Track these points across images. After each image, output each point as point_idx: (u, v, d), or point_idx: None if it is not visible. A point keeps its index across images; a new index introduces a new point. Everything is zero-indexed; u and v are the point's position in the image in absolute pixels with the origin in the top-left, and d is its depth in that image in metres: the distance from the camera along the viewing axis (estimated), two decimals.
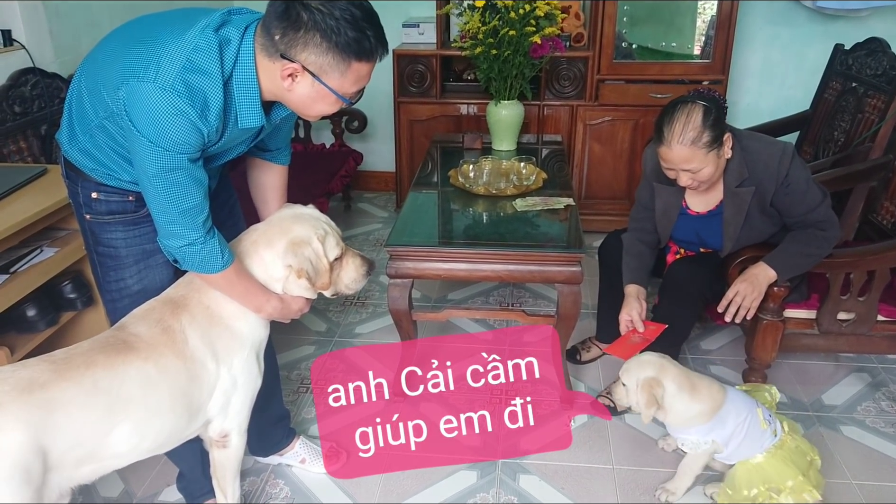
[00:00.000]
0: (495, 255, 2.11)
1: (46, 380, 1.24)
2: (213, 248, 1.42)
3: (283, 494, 1.96)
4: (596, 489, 1.97)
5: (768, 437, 1.79)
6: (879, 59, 2.74)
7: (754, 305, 2.00)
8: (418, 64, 3.54)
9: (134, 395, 1.34)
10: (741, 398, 1.82)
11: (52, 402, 1.23)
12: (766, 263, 1.98)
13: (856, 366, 2.52)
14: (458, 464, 2.06)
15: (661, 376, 1.78)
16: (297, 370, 2.51)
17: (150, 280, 1.59)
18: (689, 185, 1.95)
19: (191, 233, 1.39)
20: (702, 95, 1.90)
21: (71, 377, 1.27)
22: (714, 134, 1.85)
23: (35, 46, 2.51)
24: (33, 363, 1.29)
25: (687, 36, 3.54)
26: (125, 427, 1.33)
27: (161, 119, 1.27)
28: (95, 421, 1.29)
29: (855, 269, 2.06)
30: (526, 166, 2.66)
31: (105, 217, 1.51)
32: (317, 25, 1.27)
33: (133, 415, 1.34)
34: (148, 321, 1.44)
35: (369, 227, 3.76)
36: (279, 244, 1.53)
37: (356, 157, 3.79)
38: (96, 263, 1.59)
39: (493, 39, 2.78)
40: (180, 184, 1.34)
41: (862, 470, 2.01)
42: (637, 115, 3.44)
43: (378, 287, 3.09)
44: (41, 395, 1.22)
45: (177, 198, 1.35)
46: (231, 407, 1.55)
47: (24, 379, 1.23)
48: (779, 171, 1.93)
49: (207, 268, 1.43)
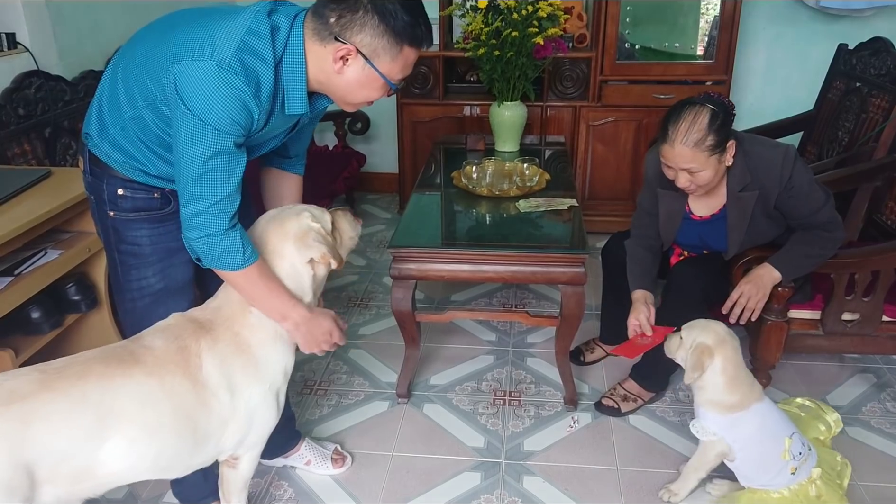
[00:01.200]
0: (498, 256, 2.11)
1: (29, 391, 1.20)
2: (235, 240, 1.39)
3: (287, 496, 1.96)
4: (600, 490, 1.96)
5: (785, 474, 1.71)
6: (883, 58, 2.74)
7: (759, 307, 2.00)
8: (421, 65, 3.54)
9: (129, 410, 1.28)
10: (775, 417, 1.76)
11: (31, 414, 1.18)
12: (771, 265, 1.98)
13: (860, 366, 2.52)
14: (462, 465, 2.06)
15: (717, 349, 1.74)
16: (301, 372, 2.51)
17: (172, 278, 1.59)
18: (686, 186, 1.94)
19: (217, 221, 1.36)
20: (711, 99, 1.89)
21: (58, 388, 1.23)
22: (718, 139, 1.85)
23: (39, 49, 2.52)
24: (24, 373, 1.25)
25: (690, 36, 3.53)
26: (118, 443, 1.27)
27: (216, 96, 1.27)
28: (82, 434, 1.23)
29: (859, 270, 2.05)
30: (529, 167, 2.65)
31: (130, 214, 1.51)
32: (375, 8, 1.31)
33: (127, 431, 1.27)
34: (166, 336, 1.40)
35: (373, 229, 3.76)
36: (287, 248, 1.50)
37: (359, 159, 3.79)
38: (117, 262, 1.58)
39: (495, 40, 2.78)
40: (223, 169, 1.34)
41: (867, 471, 2.01)
42: (640, 115, 3.44)
43: (381, 288, 3.10)
44: (20, 407, 1.18)
45: (217, 184, 1.34)
46: (247, 441, 1.51)
47: (4, 391, 1.19)
48: (781, 174, 1.92)
49: (228, 263, 1.39)
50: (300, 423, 2.21)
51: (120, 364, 1.31)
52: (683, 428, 2.19)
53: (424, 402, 2.34)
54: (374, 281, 3.18)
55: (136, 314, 1.59)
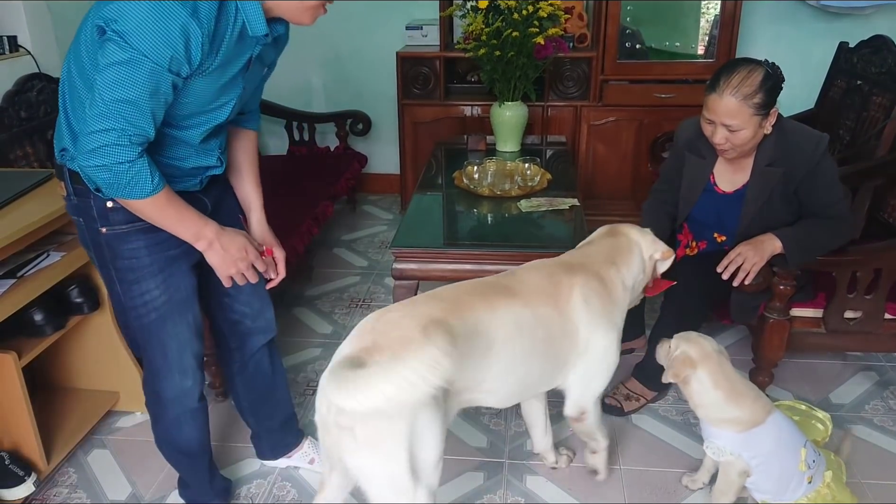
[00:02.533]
0: (500, 255, 2.11)
1: (442, 316, 1.41)
2: (143, 168, 1.32)
3: (290, 497, 1.96)
4: (603, 490, 1.96)
5: (803, 484, 1.69)
6: (884, 56, 2.73)
7: (753, 270, 1.96)
8: (422, 66, 3.54)
9: (510, 335, 1.50)
10: (789, 429, 1.73)
11: (451, 332, 1.39)
12: (775, 235, 1.97)
13: (863, 364, 2.51)
14: (465, 465, 2.06)
15: (701, 363, 1.71)
16: (304, 372, 2.51)
17: (175, 289, 1.56)
18: (721, 144, 1.95)
19: (127, 152, 1.28)
20: (767, 63, 1.93)
21: (459, 315, 1.44)
22: (766, 100, 1.89)
23: (41, 52, 2.53)
24: (422, 300, 1.49)
25: (691, 36, 3.53)
26: (499, 362, 1.49)
27: (149, 21, 1.22)
28: (479, 353, 1.45)
29: (861, 268, 2.05)
30: (530, 167, 2.66)
31: (124, 227, 1.47)
32: None
33: (507, 353, 1.50)
34: (540, 272, 1.63)
35: (374, 230, 3.76)
36: (645, 240, 1.79)
37: (360, 160, 3.80)
38: (115, 281, 1.54)
39: (496, 41, 2.79)
40: (137, 83, 1.25)
41: (870, 469, 2.00)
42: (641, 115, 3.44)
43: (383, 289, 3.10)
44: (444, 327, 1.39)
45: (132, 116, 1.27)
46: (592, 380, 1.71)
47: (422, 313, 1.40)
48: (812, 157, 1.94)
49: (136, 191, 1.33)
50: (303, 424, 2.21)
51: (500, 296, 1.53)
52: (686, 427, 2.19)
53: None
54: (376, 282, 3.18)
55: (146, 332, 1.58)
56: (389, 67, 3.70)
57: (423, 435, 1.36)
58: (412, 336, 1.33)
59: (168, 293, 1.56)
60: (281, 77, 4.07)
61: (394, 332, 1.36)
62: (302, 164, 3.62)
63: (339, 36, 3.95)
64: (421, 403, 1.32)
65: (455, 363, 1.32)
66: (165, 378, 1.64)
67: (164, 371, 1.64)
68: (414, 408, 1.32)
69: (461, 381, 1.45)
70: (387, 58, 3.76)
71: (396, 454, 1.33)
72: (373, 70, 3.98)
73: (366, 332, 1.39)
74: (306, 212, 2.93)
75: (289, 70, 4.07)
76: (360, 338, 1.39)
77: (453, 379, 1.38)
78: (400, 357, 1.26)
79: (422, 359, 1.23)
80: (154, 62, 1.25)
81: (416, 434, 1.35)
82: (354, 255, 3.46)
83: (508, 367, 1.52)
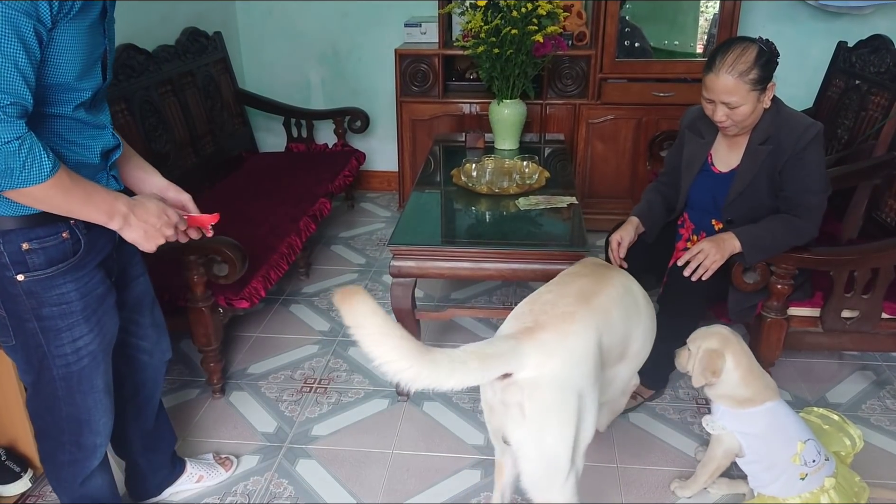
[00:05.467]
0: (498, 253, 2.11)
1: (591, 290, 1.55)
2: (35, 143, 1.16)
3: (287, 494, 1.96)
4: (600, 488, 1.96)
5: (795, 481, 1.71)
6: (883, 56, 2.73)
7: (712, 268, 1.98)
8: (420, 63, 3.54)
9: (640, 306, 1.72)
10: (789, 419, 1.76)
11: (602, 307, 1.53)
12: (735, 234, 1.99)
13: (860, 364, 2.52)
14: (462, 463, 2.06)
15: (726, 349, 1.75)
16: (301, 369, 2.51)
17: (106, 329, 1.45)
18: (722, 121, 1.99)
19: (8, 128, 1.12)
20: (761, 40, 1.96)
21: (606, 284, 1.62)
22: (762, 75, 1.91)
23: None
24: (568, 279, 1.64)
25: (689, 34, 3.53)
26: (639, 330, 1.70)
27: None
28: (633, 312, 1.67)
29: (859, 267, 2.05)
30: (528, 165, 2.66)
31: (48, 271, 1.31)
32: None
33: (641, 322, 1.71)
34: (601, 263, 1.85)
35: (372, 227, 3.76)
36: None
37: (359, 157, 3.79)
38: (38, 332, 1.36)
39: (495, 38, 2.78)
40: (15, 58, 1.10)
41: (866, 468, 2.00)
42: (639, 113, 3.44)
43: (381, 287, 3.09)
44: (595, 302, 1.53)
45: (8, 81, 1.10)
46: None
47: (577, 289, 1.55)
48: (800, 138, 1.96)
49: (35, 173, 1.16)
50: (299, 423, 2.21)
51: (601, 282, 1.64)
52: (683, 426, 2.20)
53: (424, 400, 2.34)
54: (374, 279, 3.18)
55: (74, 380, 1.43)
56: (388, 64, 3.69)
57: (586, 411, 1.44)
58: (573, 311, 1.46)
59: (101, 335, 1.44)
60: (279, 73, 4.10)
61: (555, 310, 1.47)
62: (300, 161, 3.61)
63: (338, 33, 3.94)
64: (587, 377, 1.42)
65: (612, 328, 1.51)
66: (96, 423, 1.51)
67: (95, 416, 1.50)
68: (583, 378, 1.42)
69: (615, 351, 1.59)
70: (385, 55, 3.75)
71: (564, 428, 1.40)
72: (371, 67, 3.97)
73: (524, 315, 1.47)
74: (304, 209, 2.92)
75: (287, 66, 4.08)
76: (519, 319, 1.46)
77: (612, 345, 1.55)
78: (567, 331, 1.40)
79: (588, 324, 1.40)
80: (8, 6, 1.09)
81: (582, 409, 1.41)
82: (352, 253, 3.45)
83: (645, 334, 1.73)
